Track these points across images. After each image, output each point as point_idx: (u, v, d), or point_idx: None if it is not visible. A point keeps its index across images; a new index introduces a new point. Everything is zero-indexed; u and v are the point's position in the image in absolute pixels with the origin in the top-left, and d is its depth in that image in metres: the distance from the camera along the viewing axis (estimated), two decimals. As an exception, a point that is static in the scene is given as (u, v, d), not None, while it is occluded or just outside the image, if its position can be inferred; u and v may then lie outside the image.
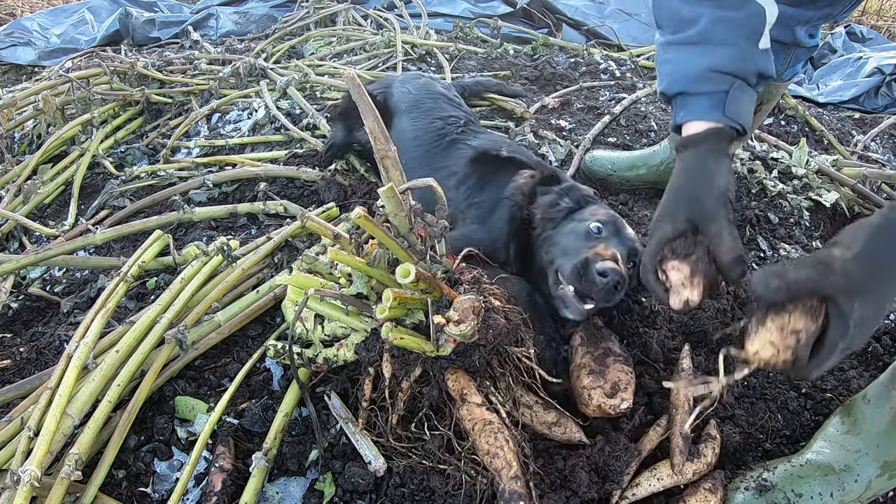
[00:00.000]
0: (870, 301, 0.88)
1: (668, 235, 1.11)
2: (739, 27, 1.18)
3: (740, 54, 1.18)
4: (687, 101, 1.23)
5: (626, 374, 1.26)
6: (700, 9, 1.19)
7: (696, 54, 1.20)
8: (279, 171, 2.28)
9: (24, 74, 4.29)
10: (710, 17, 1.18)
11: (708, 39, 1.19)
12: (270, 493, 1.23)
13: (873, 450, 1.17)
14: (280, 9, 4.66)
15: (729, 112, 1.19)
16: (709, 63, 1.18)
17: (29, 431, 1.16)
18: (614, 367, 1.28)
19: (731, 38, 1.18)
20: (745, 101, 1.21)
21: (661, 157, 2.17)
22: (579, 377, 1.29)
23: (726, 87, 1.19)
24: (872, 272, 0.88)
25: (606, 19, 4.40)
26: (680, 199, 1.14)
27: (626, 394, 1.23)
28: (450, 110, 2.11)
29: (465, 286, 1.27)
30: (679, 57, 1.23)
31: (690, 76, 1.21)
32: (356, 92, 1.18)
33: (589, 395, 1.25)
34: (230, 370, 1.46)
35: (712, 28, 1.18)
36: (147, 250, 1.72)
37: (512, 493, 1.04)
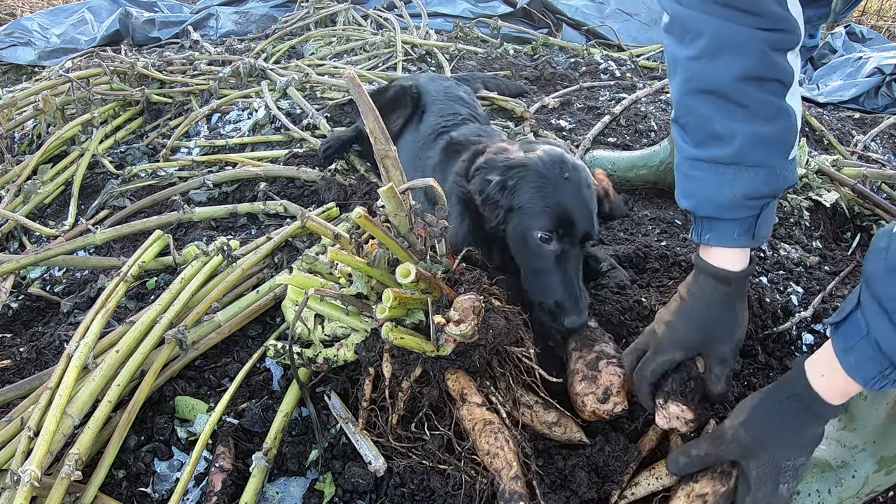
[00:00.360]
0: (763, 461, 1.02)
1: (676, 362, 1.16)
2: (773, 144, 1.08)
3: (773, 175, 1.09)
4: (714, 225, 1.14)
5: (619, 376, 1.25)
6: (734, 124, 1.07)
7: (728, 179, 1.09)
8: (279, 171, 2.28)
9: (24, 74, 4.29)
10: (745, 137, 1.06)
11: (741, 161, 1.08)
12: (270, 493, 1.23)
13: (870, 445, 1.17)
14: (280, 9, 4.66)
15: (758, 235, 1.13)
16: (742, 190, 1.08)
17: (29, 431, 1.16)
18: (607, 371, 1.27)
19: (764, 158, 1.08)
20: (771, 216, 1.16)
21: (661, 157, 2.18)
22: (573, 384, 1.29)
23: (757, 212, 1.11)
24: (758, 435, 1.02)
25: (606, 19, 4.41)
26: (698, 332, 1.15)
27: (618, 398, 1.23)
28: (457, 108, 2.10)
29: (466, 286, 1.27)
30: (708, 178, 1.11)
31: (722, 204, 1.10)
32: (356, 92, 1.18)
33: (583, 402, 1.25)
34: (230, 370, 1.46)
35: (746, 150, 1.07)
36: (147, 250, 1.72)
37: (512, 493, 1.04)
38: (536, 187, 1.34)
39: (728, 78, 1.05)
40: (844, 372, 0.93)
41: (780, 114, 1.07)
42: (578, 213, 1.34)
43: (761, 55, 1.04)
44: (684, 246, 1.90)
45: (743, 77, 1.04)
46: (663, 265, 1.81)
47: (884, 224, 2.09)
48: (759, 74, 1.05)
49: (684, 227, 2.10)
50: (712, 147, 1.10)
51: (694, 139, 1.13)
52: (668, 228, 2.07)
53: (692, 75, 1.10)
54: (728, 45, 1.05)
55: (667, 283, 1.73)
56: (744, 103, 1.06)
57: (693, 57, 1.08)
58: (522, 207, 1.34)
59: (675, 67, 1.13)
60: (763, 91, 1.06)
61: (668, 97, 3.11)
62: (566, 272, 1.33)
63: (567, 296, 1.32)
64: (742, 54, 1.04)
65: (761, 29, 1.03)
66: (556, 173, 1.35)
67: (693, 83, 1.10)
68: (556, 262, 1.34)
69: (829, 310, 1.64)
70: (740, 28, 1.03)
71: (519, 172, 1.36)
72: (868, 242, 2.09)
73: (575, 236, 1.35)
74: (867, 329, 0.90)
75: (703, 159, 1.11)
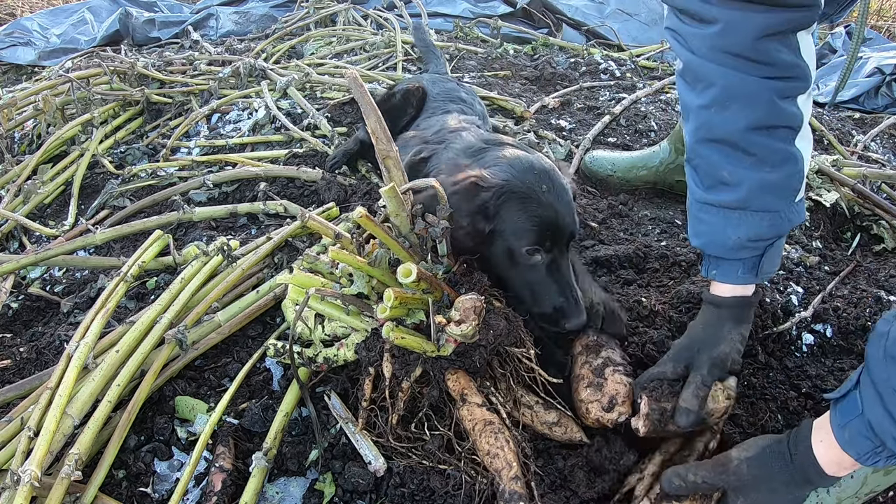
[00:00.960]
0: (751, 498, 1.08)
1: (668, 376, 1.23)
2: (780, 190, 1.13)
3: (779, 220, 1.14)
4: (720, 263, 1.22)
5: (625, 385, 1.24)
6: (741, 172, 1.12)
7: (734, 222, 1.15)
8: (279, 171, 2.28)
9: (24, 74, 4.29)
10: (751, 184, 1.11)
11: (747, 206, 1.14)
12: (270, 493, 1.23)
13: None
14: (280, 9, 4.66)
15: (762, 272, 1.20)
16: (747, 233, 1.15)
17: (29, 431, 1.16)
18: (613, 379, 1.25)
19: (770, 203, 1.13)
20: (777, 253, 1.21)
21: (661, 158, 2.18)
22: (577, 389, 1.28)
23: (761, 252, 1.18)
24: (757, 476, 1.08)
25: (606, 19, 4.41)
26: (689, 348, 1.24)
27: (623, 407, 1.22)
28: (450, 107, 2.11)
29: (466, 286, 1.27)
30: (715, 221, 1.18)
31: (727, 245, 1.17)
32: (358, 92, 1.18)
33: (587, 409, 1.24)
34: (230, 370, 1.46)
35: (752, 196, 1.12)
36: (147, 250, 1.72)
37: (512, 493, 1.04)
38: (520, 208, 1.30)
39: (736, 128, 1.09)
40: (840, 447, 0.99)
41: (788, 160, 1.11)
42: (562, 220, 1.32)
43: (770, 104, 1.07)
44: (684, 246, 1.90)
45: (751, 127, 1.08)
46: (663, 265, 1.81)
47: (884, 224, 2.09)
48: (767, 123, 1.08)
49: (684, 227, 2.10)
50: (720, 192, 1.15)
51: (704, 183, 1.18)
52: (668, 228, 2.07)
53: (703, 124, 1.14)
54: (737, 96, 1.08)
55: (667, 283, 1.73)
56: (751, 151, 1.10)
57: (704, 106, 1.12)
58: (506, 229, 1.30)
59: (688, 114, 1.17)
60: (771, 138, 1.09)
61: (667, 97, 3.12)
62: (558, 278, 1.33)
63: (563, 300, 1.31)
64: (751, 105, 1.07)
65: (771, 78, 1.05)
66: (536, 189, 1.31)
67: (703, 132, 1.14)
68: (547, 271, 1.32)
69: (829, 310, 1.64)
70: (750, 78, 1.05)
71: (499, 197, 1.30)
72: (868, 243, 2.10)
73: (561, 242, 1.33)
74: (862, 409, 0.96)
75: (712, 203, 1.17)
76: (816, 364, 1.54)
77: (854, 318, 1.62)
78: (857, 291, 1.76)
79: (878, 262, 1.99)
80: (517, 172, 1.33)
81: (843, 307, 1.66)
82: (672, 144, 2.13)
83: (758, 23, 1.01)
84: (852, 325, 1.60)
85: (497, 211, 1.30)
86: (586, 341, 1.37)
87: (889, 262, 1.98)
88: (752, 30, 1.02)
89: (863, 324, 1.60)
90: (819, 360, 1.56)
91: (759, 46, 1.03)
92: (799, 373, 1.51)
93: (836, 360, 1.55)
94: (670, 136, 2.15)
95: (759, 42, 1.03)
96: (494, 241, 1.33)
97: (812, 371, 1.50)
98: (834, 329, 1.60)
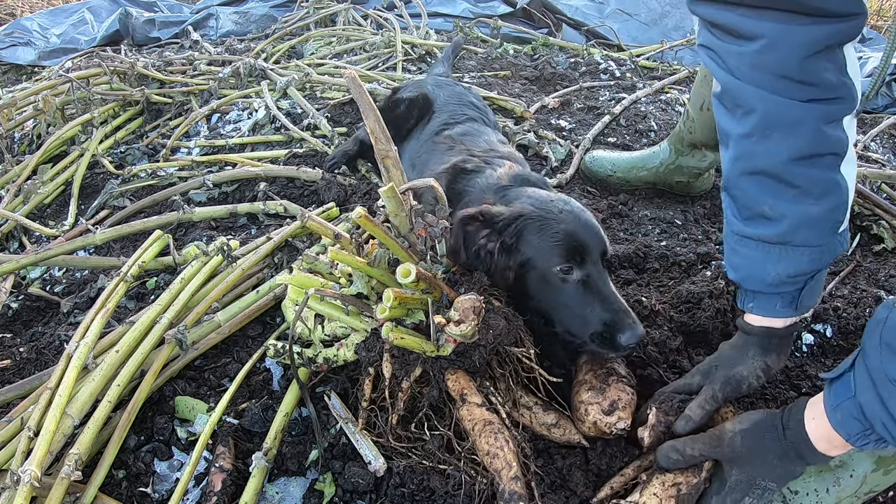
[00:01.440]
0: (745, 470, 1.09)
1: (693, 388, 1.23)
2: (822, 223, 1.07)
3: (820, 254, 1.09)
4: (757, 297, 1.16)
5: (628, 393, 1.22)
6: (783, 205, 1.05)
7: (774, 257, 1.09)
8: (279, 171, 2.28)
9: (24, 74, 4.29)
10: (793, 218, 1.05)
11: (788, 241, 1.07)
12: (270, 493, 1.23)
13: None
14: (280, 9, 4.66)
15: (801, 306, 1.14)
16: (787, 269, 1.09)
17: (29, 431, 1.16)
18: (616, 387, 1.23)
19: (812, 238, 1.07)
20: (818, 286, 1.16)
21: (661, 159, 2.18)
22: (578, 392, 1.26)
23: (801, 286, 1.12)
24: (751, 448, 1.08)
25: (606, 19, 4.41)
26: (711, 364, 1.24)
27: (624, 413, 1.19)
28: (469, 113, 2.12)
29: (466, 286, 1.27)
30: (754, 255, 1.11)
31: (766, 281, 1.12)
32: (357, 92, 1.18)
33: (586, 410, 1.21)
34: (230, 370, 1.46)
35: (794, 231, 1.06)
36: (147, 250, 1.72)
37: (512, 493, 1.04)
38: (539, 229, 1.29)
39: (780, 159, 1.03)
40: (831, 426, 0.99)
41: (832, 190, 1.05)
42: (588, 235, 1.30)
43: (815, 132, 1.00)
44: (684, 246, 1.90)
45: (794, 157, 1.02)
46: (663, 265, 1.81)
47: (884, 224, 2.09)
48: (811, 152, 1.02)
49: (684, 227, 2.10)
50: (760, 226, 1.10)
51: (742, 214, 1.13)
52: (668, 228, 2.07)
53: (743, 154, 1.07)
54: (780, 123, 1.01)
55: (667, 283, 1.73)
56: (795, 183, 1.04)
57: (745, 135, 1.05)
58: (533, 254, 1.29)
59: (728, 141, 1.11)
60: (815, 167, 1.03)
61: (668, 97, 3.12)
62: (601, 293, 1.27)
63: (614, 313, 1.25)
64: (794, 133, 1.00)
65: (816, 101, 0.98)
66: (551, 209, 1.32)
67: (744, 162, 1.08)
68: (586, 289, 1.28)
69: (829, 310, 1.64)
70: (793, 103, 0.98)
71: (516, 226, 1.30)
72: (868, 243, 2.10)
73: (594, 256, 1.30)
74: (854, 392, 0.95)
75: (751, 237, 1.11)
76: (816, 364, 1.54)
77: (854, 318, 1.62)
78: (857, 291, 1.76)
79: (878, 262, 1.99)
80: (533, 201, 1.36)
81: (843, 307, 1.66)
82: (672, 145, 2.13)
83: (803, 37, 0.93)
84: (852, 325, 1.60)
85: (517, 242, 1.29)
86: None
87: (889, 262, 1.98)
88: (798, 46, 0.93)
89: (863, 324, 1.61)
90: (819, 360, 1.56)
91: (805, 66, 0.95)
92: (799, 373, 1.51)
93: (836, 360, 1.55)
94: (670, 137, 2.15)
95: (806, 61, 0.94)
96: (526, 273, 1.30)
97: (812, 371, 1.50)
98: (834, 329, 1.61)
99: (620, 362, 1.33)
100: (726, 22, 0.98)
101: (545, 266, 1.28)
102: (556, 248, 1.27)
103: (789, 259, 1.08)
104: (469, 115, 2.09)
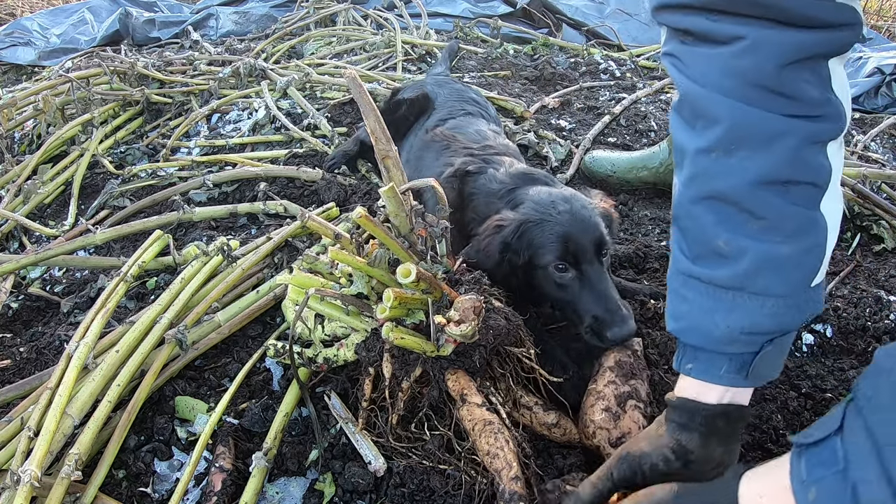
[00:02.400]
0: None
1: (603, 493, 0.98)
2: (792, 269, 0.85)
3: (786, 308, 0.86)
4: (699, 355, 0.93)
5: (640, 426, 1.18)
6: (743, 241, 0.85)
7: (725, 307, 0.88)
8: (279, 171, 2.28)
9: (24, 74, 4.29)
10: (754, 258, 0.85)
11: (745, 287, 0.86)
12: (270, 493, 1.23)
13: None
14: (280, 9, 4.66)
15: (754, 375, 0.90)
16: (740, 323, 0.87)
17: (29, 431, 1.16)
18: (631, 415, 1.19)
19: (777, 286, 0.85)
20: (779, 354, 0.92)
21: (661, 159, 2.18)
22: (592, 407, 1.22)
23: (756, 349, 0.89)
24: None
25: (606, 19, 4.41)
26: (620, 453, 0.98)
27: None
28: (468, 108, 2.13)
29: (466, 286, 1.27)
30: (701, 302, 0.90)
31: (712, 335, 0.89)
32: (357, 91, 1.18)
33: (594, 433, 1.19)
34: (230, 370, 1.46)
35: (753, 274, 0.85)
36: (147, 250, 1.72)
37: (512, 493, 1.04)
38: (538, 233, 1.37)
39: (743, 180, 0.84)
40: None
41: (806, 229, 0.85)
42: (583, 232, 1.36)
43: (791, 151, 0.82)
44: (684, 246, 1.90)
45: (763, 181, 0.83)
46: (663, 265, 1.81)
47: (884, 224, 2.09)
48: (784, 177, 0.83)
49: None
50: (712, 265, 0.89)
51: (692, 252, 0.92)
52: (668, 228, 2.07)
53: (699, 173, 0.88)
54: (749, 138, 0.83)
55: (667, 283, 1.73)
56: (760, 214, 0.85)
57: (704, 149, 0.86)
58: (534, 255, 1.37)
59: (683, 160, 0.91)
60: (788, 198, 0.84)
61: (667, 97, 3.12)
62: (594, 289, 1.33)
63: (602, 308, 1.31)
64: (766, 150, 0.82)
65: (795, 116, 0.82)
66: (550, 212, 1.39)
67: (699, 184, 0.89)
68: (580, 285, 1.35)
69: (829, 310, 1.64)
70: (767, 115, 0.81)
71: (520, 231, 1.39)
72: (868, 243, 2.09)
73: (588, 254, 1.36)
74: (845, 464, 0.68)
75: (700, 278, 0.91)
76: (816, 364, 1.54)
77: (854, 318, 1.62)
78: (857, 291, 1.76)
79: (878, 262, 1.99)
80: (534, 203, 1.43)
81: (843, 307, 1.66)
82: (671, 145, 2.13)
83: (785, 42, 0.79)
84: (852, 325, 1.60)
85: (521, 243, 1.38)
86: (621, 358, 1.29)
87: (889, 262, 1.98)
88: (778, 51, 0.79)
89: (863, 324, 1.60)
90: (819, 360, 1.56)
91: (784, 74, 0.80)
92: (799, 373, 1.51)
93: (835, 360, 1.55)
94: (669, 137, 2.15)
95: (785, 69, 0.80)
96: (533, 272, 1.40)
97: (812, 371, 1.50)
98: (834, 329, 1.61)
99: (645, 380, 1.29)
100: (699, 29, 0.84)
101: (543, 262, 1.37)
102: (551, 246, 1.36)
103: (744, 309, 0.87)
104: (467, 111, 2.10)
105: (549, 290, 1.39)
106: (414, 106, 2.21)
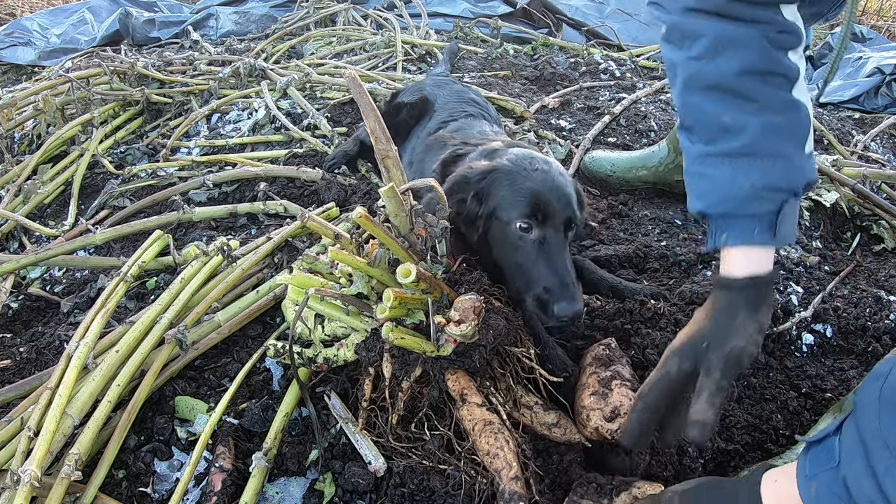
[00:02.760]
0: None
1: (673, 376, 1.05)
2: (787, 133, 1.03)
3: (791, 166, 1.03)
4: (731, 223, 1.05)
5: (629, 398, 1.21)
6: (745, 116, 1.02)
7: (743, 170, 1.03)
8: (279, 171, 2.28)
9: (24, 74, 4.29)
10: (758, 126, 1.02)
11: (756, 151, 1.02)
12: (270, 493, 1.23)
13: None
14: (280, 9, 4.66)
15: (780, 234, 1.04)
16: (760, 179, 1.02)
17: (29, 431, 1.16)
18: (619, 392, 1.22)
19: (780, 148, 1.02)
20: (793, 216, 1.06)
21: (660, 158, 2.18)
22: (581, 396, 1.25)
23: (776, 207, 1.03)
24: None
25: (606, 19, 4.41)
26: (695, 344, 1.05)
27: (624, 419, 1.17)
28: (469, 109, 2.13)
29: (466, 286, 1.27)
30: (721, 173, 1.04)
31: (739, 196, 1.03)
32: (357, 91, 1.18)
33: (587, 416, 1.21)
34: (230, 370, 1.46)
35: (760, 139, 1.02)
36: (147, 250, 1.72)
37: (512, 493, 1.04)
38: (508, 183, 1.32)
39: (731, 72, 1.02)
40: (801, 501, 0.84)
41: (791, 107, 1.03)
42: (554, 197, 1.31)
43: (764, 51, 1.01)
44: (684, 246, 1.90)
45: (745, 71, 1.01)
46: (663, 265, 1.81)
47: (884, 224, 2.09)
48: (762, 68, 1.01)
49: (684, 227, 2.10)
50: (723, 140, 1.04)
51: (703, 137, 1.07)
52: (668, 228, 2.07)
53: (693, 73, 1.06)
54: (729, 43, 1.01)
55: (667, 283, 1.73)
56: (752, 97, 1.02)
57: (693, 57, 1.04)
58: (497, 206, 1.32)
59: (675, 70, 1.09)
60: (768, 85, 1.02)
61: (668, 97, 3.12)
62: (551, 258, 1.29)
63: (555, 281, 1.26)
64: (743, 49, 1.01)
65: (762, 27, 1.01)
66: (525, 167, 1.34)
67: (695, 81, 1.06)
68: (540, 250, 1.30)
69: (829, 310, 1.64)
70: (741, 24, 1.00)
71: (488, 178, 1.35)
72: (868, 243, 2.10)
73: (556, 221, 1.31)
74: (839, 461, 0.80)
75: (715, 154, 1.05)
76: (816, 364, 1.54)
77: (854, 318, 1.62)
78: (857, 291, 1.76)
79: (878, 262, 1.99)
80: (512, 157, 1.38)
81: (843, 307, 1.66)
82: (671, 144, 2.13)
83: None
84: (852, 325, 1.60)
85: (488, 191, 1.32)
86: (597, 353, 1.33)
87: (889, 262, 1.98)
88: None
89: (863, 324, 1.61)
90: (819, 360, 1.56)
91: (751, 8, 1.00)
92: (799, 373, 1.51)
93: (836, 360, 1.55)
94: (669, 136, 2.15)
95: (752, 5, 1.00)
96: (490, 224, 1.34)
97: (812, 371, 1.50)
98: (834, 329, 1.61)
99: (626, 364, 1.32)
100: None
101: (506, 217, 1.31)
102: (520, 202, 1.31)
103: (760, 169, 1.02)
104: (469, 112, 2.09)
105: (503, 249, 1.33)
106: (414, 109, 2.21)
